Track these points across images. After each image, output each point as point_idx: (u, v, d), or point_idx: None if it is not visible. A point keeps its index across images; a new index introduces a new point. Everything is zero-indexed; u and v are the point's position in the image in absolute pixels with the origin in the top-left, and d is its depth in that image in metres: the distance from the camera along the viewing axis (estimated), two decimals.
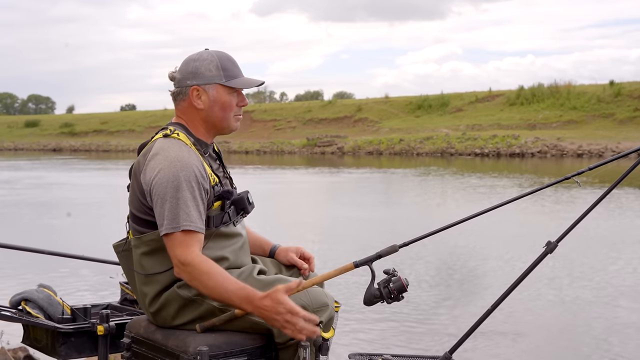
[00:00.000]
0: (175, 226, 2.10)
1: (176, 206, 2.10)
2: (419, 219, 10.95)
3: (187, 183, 2.12)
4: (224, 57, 2.30)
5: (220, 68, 2.27)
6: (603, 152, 27.12)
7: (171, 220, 2.10)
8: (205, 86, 2.26)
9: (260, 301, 2.04)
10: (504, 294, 2.45)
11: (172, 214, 2.10)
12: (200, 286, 2.10)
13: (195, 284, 2.10)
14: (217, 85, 2.26)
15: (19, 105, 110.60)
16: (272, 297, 2.03)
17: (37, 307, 2.59)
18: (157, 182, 2.13)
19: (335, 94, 76.73)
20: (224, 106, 2.28)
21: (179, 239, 2.10)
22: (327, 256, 7.63)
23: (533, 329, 4.94)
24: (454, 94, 44.28)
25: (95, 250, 3.61)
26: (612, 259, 7.31)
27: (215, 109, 2.28)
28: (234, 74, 2.29)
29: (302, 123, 45.40)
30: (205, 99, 2.27)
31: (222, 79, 2.26)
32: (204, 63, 2.27)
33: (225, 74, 2.27)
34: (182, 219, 2.09)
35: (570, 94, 37.01)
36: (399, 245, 2.30)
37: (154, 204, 2.14)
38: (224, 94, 2.28)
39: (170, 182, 2.11)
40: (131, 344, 2.32)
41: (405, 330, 4.87)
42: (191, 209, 2.11)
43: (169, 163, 2.13)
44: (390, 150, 33.75)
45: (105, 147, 47.32)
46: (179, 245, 2.10)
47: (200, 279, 2.08)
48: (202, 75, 2.26)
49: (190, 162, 2.15)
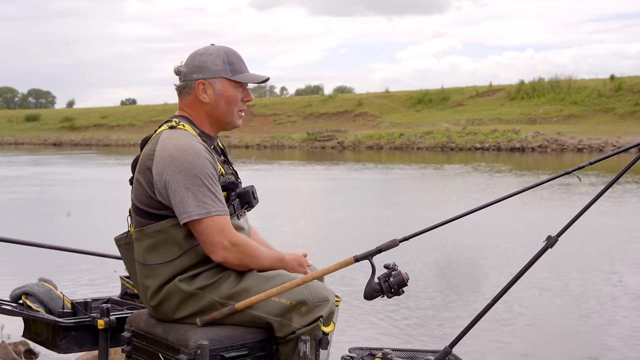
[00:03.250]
0: (206, 212, 2.12)
1: (201, 192, 2.12)
2: (419, 213, 10.95)
3: (205, 169, 2.14)
4: (230, 52, 2.31)
5: (227, 62, 2.28)
6: (603, 146, 27.10)
7: (196, 207, 2.11)
8: (211, 80, 2.27)
9: (288, 256, 2.33)
10: (504, 288, 2.45)
11: (197, 200, 2.11)
12: (251, 261, 2.21)
13: (247, 260, 2.20)
14: (223, 79, 2.27)
15: (19, 100, 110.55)
16: (291, 255, 2.33)
17: (37, 301, 2.60)
18: (173, 171, 2.13)
19: (336, 88, 76.80)
20: (229, 100, 2.29)
21: (217, 223, 2.13)
22: (327, 250, 7.64)
23: (533, 323, 4.94)
24: (454, 88, 44.21)
25: (96, 244, 3.61)
26: (612, 254, 7.32)
27: (220, 102, 2.28)
28: (240, 68, 2.30)
29: (303, 117, 45.35)
30: (210, 92, 2.27)
31: (228, 73, 2.27)
32: (211, 57, 2.27)
33: (231, 68, 2.28)
34: (210, 204, 2.13)
35: (571, 89, 36.95)
36: (399, 240, 2.30)
37: (171, 193, 2.14)
38: (229, 88, 2.28)
39: (189, 170, 2.12)
40: (132, 338, 2.33)
41: (406, 324, 4.88)
42: (216, 194, 2.15)
43: (182, 151, 2.14)
44: (391, 144, 33.72)
45: (106, 141, 47.26)
46: (221, 229, 2.14)
47: (252, 254, 2.21)
48: (208, 69, 2.27)
49: (201, 149, 2.17)
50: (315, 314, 2.16)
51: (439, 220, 2.47)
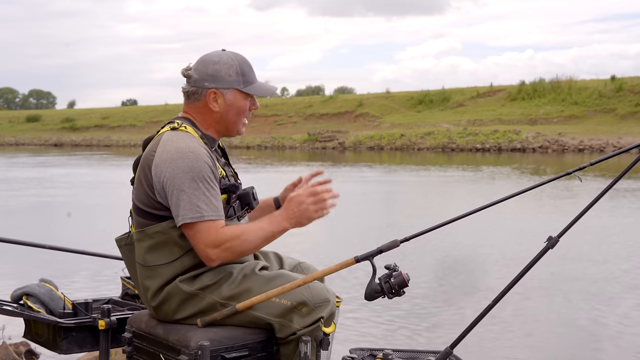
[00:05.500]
0: (198, 215, 2.11)
1: (195, 196, 2.12)
2: (420, 214, 10.94)
3: (203, 172, 2.14)
4: (243, 61, 2.31)
5: (240, 73, 2.28)
6: (604, 147, 27.09)
7: (189, 210, 2.11)
8: (223, 90, 2.27)
9: (288, 213, 2.20)
10: (505, 289, 2.45)
11: (191, 203, 2.11)
12: (247, 249, 2.17)
13: (240, 249, 2.16)
14: (235, 90, 2.28)
15: (20, 100, 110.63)
16: (288, 202, 2.21)
17: (38, 302, 2.60)
18: (171, 174, 2.13)
19: (337, 89, 76.79)
20: (239, 110, 2.30)
21: (208, 228, 2.12)
22: (328, 251, 7.64)
23: (534, 323, 4.94)
24: (455, 89, 44.18)
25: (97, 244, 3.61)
26: (613, 254, 7.31)
27: (230, 113, 2.29)
28: (251, 79, 2.31)
29: (303, 118, 45.35)
30: (221, 102, 2.28)
31: (241, 84, 2.28)
32: (224, 67, 2.27)
33: (243, 79, 2.29)
34: (203, 208, 2.11)
35: (572, 89, 36.92)
36: (400, 240, 2.30)
37: (169, 195, 2.15)
38: (240, 99, 2.29)
39: (187, 173, 2.12)
40: (132, 339, 2.33)
41: (406, 325, 4.88)
42: (211, 198, 2.14)
43: (181, 154, 2.14)
44: (392, 145, 33.72)
45: (107, 142, 47.26)
46: (207, 233, 2.12)
47: (242, 243, 2.15)
48: (222, 80, 2.27)
49: (201, 152, 2.17)
50: (316, 315, 2.16)
51: (440, 221, 2.46)
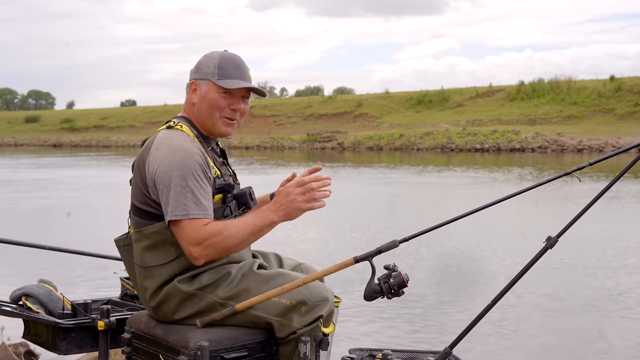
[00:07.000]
0: (184, 213, 2.11)
1: (182, 194, 2.12)
2: (419, 214, 10.94)
3: (192, 170, 2.14)
4: (229, 58, 2.31)
5: (217, 66, 2.28)
6: (603, 147, 27.10)
7: (175, 207, 2.11)
8: (200, 81, 2.30)
9: (275, 205, 2.15)
10: (504, 289, 2.45)
11: (177, 201, 2.11)
12: (230, 244, 2.12)
13: (223, 245, 2.12)
14: (209, 82, 2.29)
15: (19, 101, 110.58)
16: (277, 195, 2.18)
17: (37, 303, 2.60)
18: (162, 171, 2.14)
19: (336, 89, 76.78)
20: (211, 104, 2.28)
21: (189, 225, 2.11)
22: (327, 251, 7.64)
23: (533, 323, 4.94)
24: (454, 89, 44.18)
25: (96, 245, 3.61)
26: (612, 254, 7.31)
27: (203, 105, 2.29)
28: (229, 74, 2.28)
29: (303, 118, 45.34)
30: (198, 93, 2.30)
31: (215, 76, 2.28)
32: (206, 60, 2.31)
33: (219, 72, 2.28)
34: (190, 206, 2.11)
35: (571, 89, 36.93)
36: (399, 241, 2.30)
37: (159, 192, 2.15)
38: (213, 91, 2.28)
39: (175, 170, 2.13)
40: (132, 339, 2.33)
41: (406, 325, 4.88)
42: (199, 196, 2.13)
43: (172, 152, 2.15)
44: (391, 145, 33.72)
45: (106, 142, 47.24)
46: (190, 231, 2.11)
47: (225, 239, 2.11)
48: (201, 71, 2.30)
49: (193, 150, 2.17)
50: (316, 314, 2.16)
51: (439, 221, 2.47)
